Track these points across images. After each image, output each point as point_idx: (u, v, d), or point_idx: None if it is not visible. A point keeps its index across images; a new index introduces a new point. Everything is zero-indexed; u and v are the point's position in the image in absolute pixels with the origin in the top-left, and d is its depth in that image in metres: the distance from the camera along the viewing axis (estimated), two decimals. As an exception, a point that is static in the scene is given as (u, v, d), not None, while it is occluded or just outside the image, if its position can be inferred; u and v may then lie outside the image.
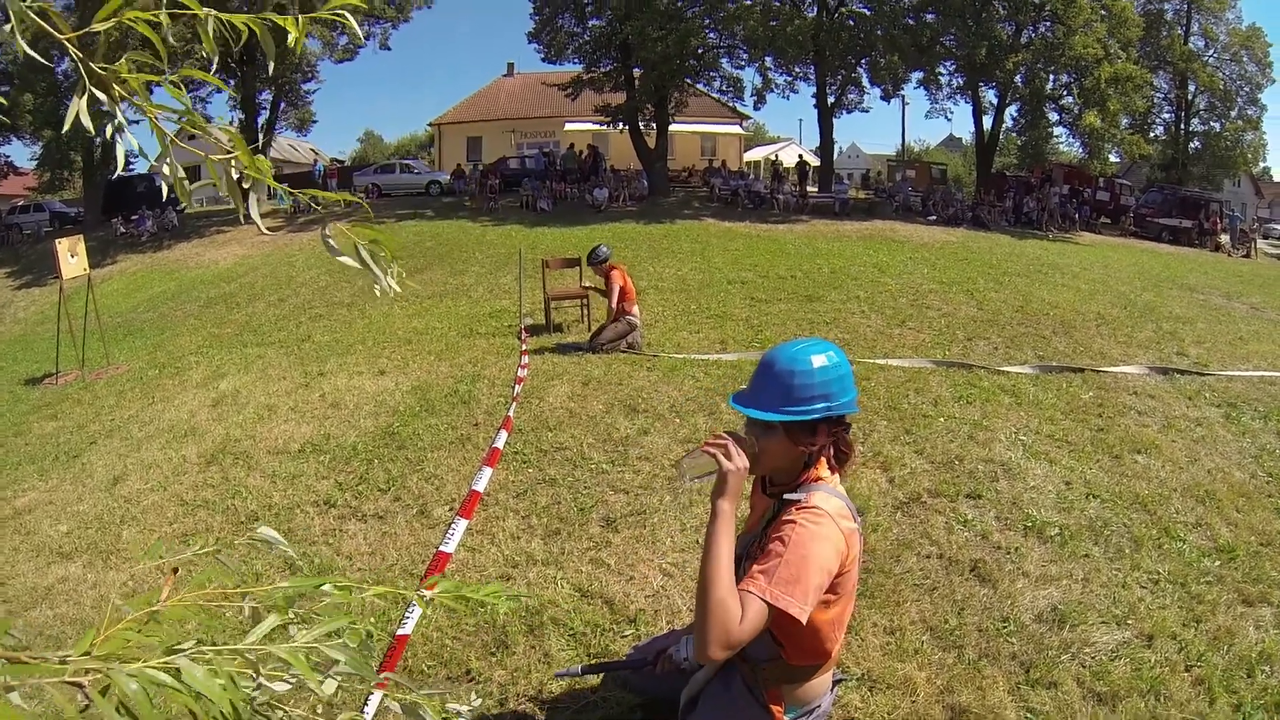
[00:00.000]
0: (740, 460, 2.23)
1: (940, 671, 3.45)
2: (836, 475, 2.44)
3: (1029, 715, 3.21)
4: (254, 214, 1.49)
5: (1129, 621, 3.83)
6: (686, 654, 2.75)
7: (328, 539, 4.86)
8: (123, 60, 1.33)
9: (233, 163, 1.44)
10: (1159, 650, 3.61)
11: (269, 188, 1.51)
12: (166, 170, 1.45)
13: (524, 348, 9.12)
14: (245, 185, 1.50)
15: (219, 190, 1.48)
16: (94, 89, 1.27)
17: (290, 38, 1.49)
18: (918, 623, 3.81)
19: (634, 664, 3.10)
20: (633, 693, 3.17)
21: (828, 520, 2.20)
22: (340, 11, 1.50)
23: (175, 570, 1.39)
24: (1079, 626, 3.77)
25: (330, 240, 1.64)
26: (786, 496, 2.35)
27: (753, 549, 2.38)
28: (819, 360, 2.34)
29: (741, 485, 2.23)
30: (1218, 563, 4.42)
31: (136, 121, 1.41)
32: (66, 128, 1.35)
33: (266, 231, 1.65)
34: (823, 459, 2.42)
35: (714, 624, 2.03)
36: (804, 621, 2.10)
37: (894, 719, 3.17)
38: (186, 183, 1.49)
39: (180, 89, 1.39)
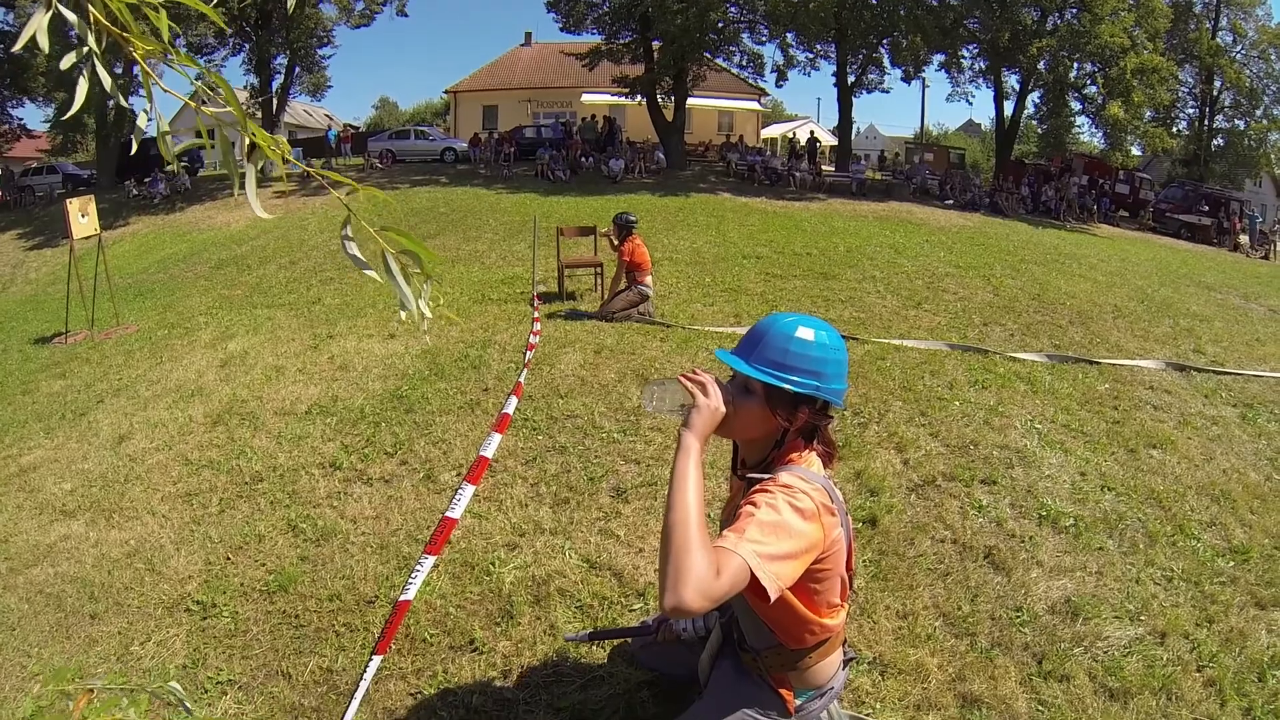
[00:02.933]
0: (716, 399, 2.11)
1: (952, 659, 3.39)
2: (813, 454, 2.26)
3: (1040, 708, 3.15)
4: (250, 195, 1.36)
5: (1142, 618, 3.78)
6: (687, 624, 2.69)
7: (332, 502, 4.82)
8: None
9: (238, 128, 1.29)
10: (1171, 649, 3.56)
11: (273, 159, 1.34)
12: (141, 121, 1.30)
13: (536, 314, 9.07)
14: (246, 158, 1.35)
15: (207, 153, 1.33)
16: (63, 7, 1.13)
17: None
18: (930, 608, 3.75)
19: (639, 631, 3.07)
20: (640, 669, 3.13)
21: (801, 493, 2.03)
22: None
23: (91, 690, 1.32)
24: (1092, 620, 3.71)
25: (352, 245, 1.45)
26: (752, 475, 2.20)
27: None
28: (821, 335, 2.22)
29: (713, 425, 2.10)
30: (1231, 563, 4.35)
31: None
32: (19, 46, 1.19)
33: (265, 214, 1.46)
34: (801, 445, 2.26)
35: (688, 565, 1.77)
36: (771, 597, 1.89)
37: (905, 705, 3.12)
38: (170, 139, 1.36)
39: (160, 12, 1.22)
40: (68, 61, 1.18)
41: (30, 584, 4.15)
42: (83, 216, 10.81)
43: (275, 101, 31.27)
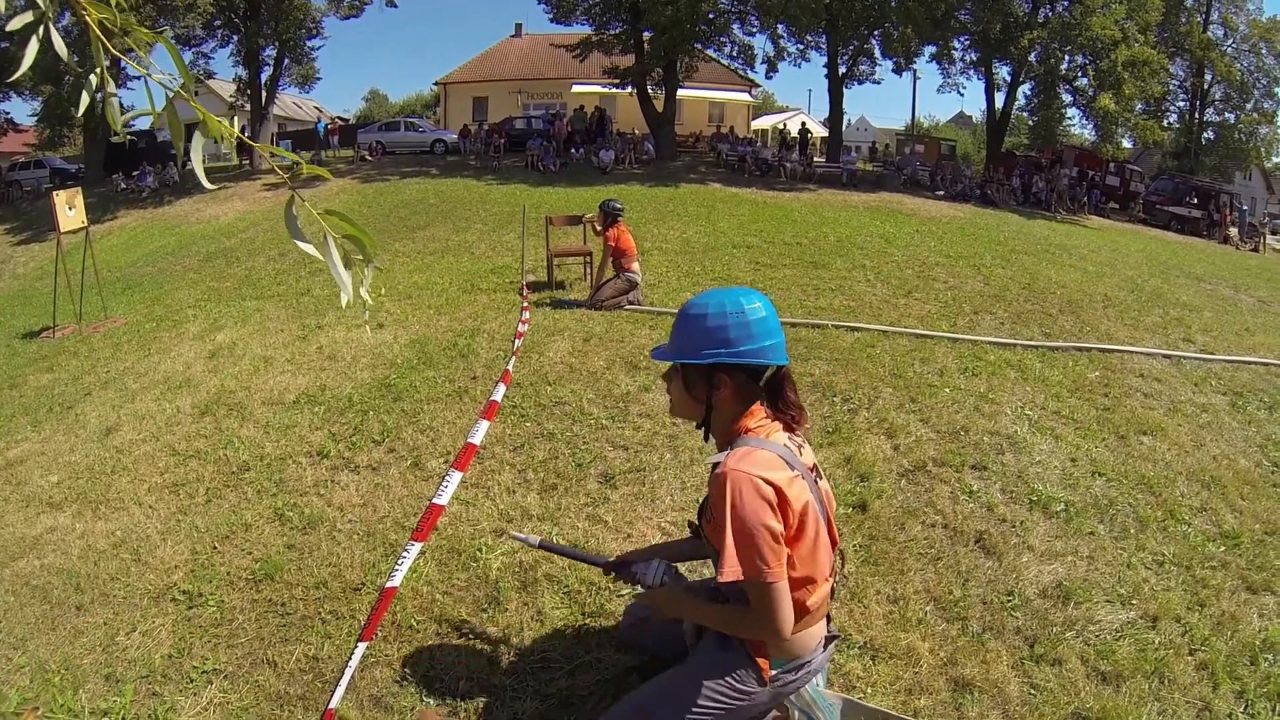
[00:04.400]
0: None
1: (944, 643, 3.38)
2: (776, 425, 2.39)
3: (1032, 691, 3.14)
4: (196, 166, 1.32)
5: (1134, 602, 3.78)
6: (649, 578, 2.74)
7: (319, 490, 4.78)
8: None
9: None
10: (1163, 632, 3.55)
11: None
12: (86, 98, 1.26)
13: (525, 303, 9.05)
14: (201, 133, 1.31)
15: (154, 121, 1.29)
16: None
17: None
18: (921, 592, 3.74)
19: (590, 559, 3.14)
20: (629, 653, 3.12)
21: (745, 480, 2.18)
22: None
23: (36, 709, 1.30)
24: (1084, 604, 3.71)
25: (296, 220, 1.41)
26: (709, 460, 2.36)
27: (705, 507, 2.45)
28: (715, 306, 2.35)
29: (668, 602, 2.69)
30: (1222, 548, 4.36)
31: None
32: None
33: (210, 185, 1.43)
34: (756, 409, 2.38)
35: (753, 629, 2.33)
36: (779, 581, 2.17)
37: (896, 689, 3.10)
38: (119, 101, 1.31)
39: None
40: (18, 23, 1.13)
41: (16, 576, 4.10)
42: (70, 209, 10.72)
43: (264, 93, 31.09)
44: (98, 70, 1.20)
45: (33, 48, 1.15)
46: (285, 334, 8.49)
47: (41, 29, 1.13)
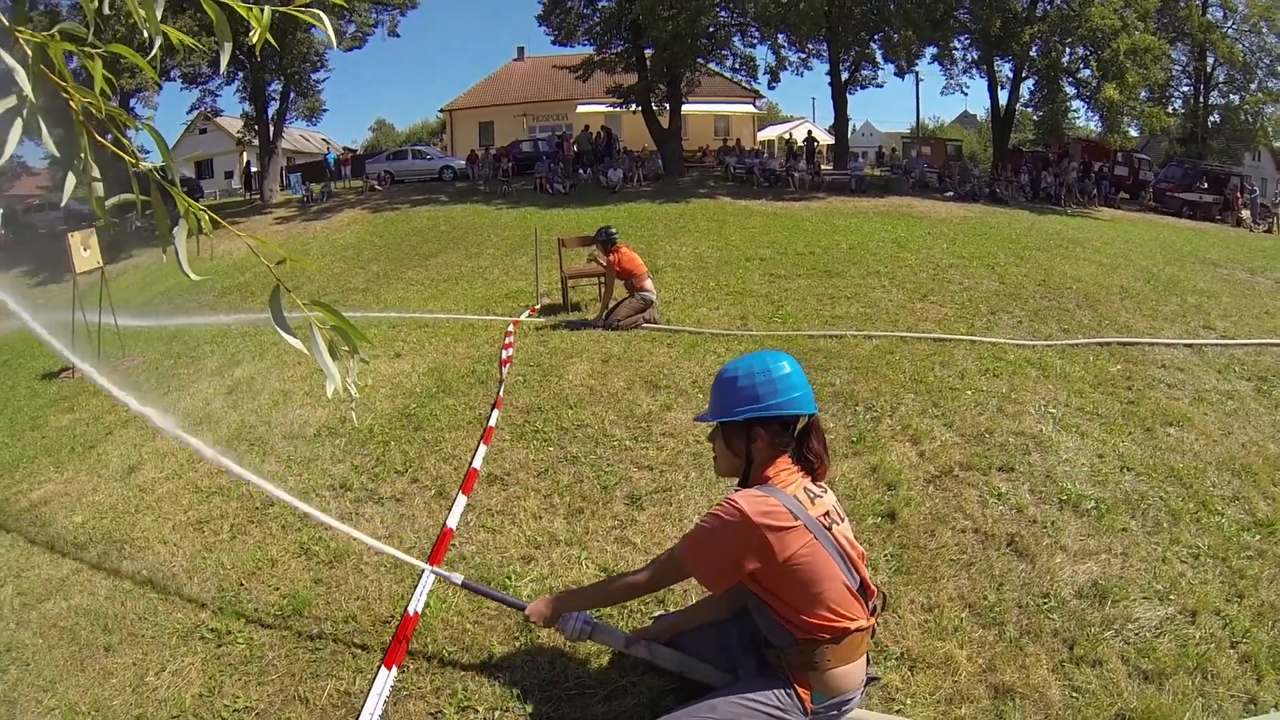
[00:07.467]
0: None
1: (981, 650, 3.34)
2: (797, 476, 2.63)
3: (1074, 694, 3.10)
4: (180, 254, 1.32)
5: (1171, 597, 3.72)
6: (569, 629, 3.02)
7: (344, 522, 4.76)
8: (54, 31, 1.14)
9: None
10: (1203, 626, 3.50)
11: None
12: (71, 182, 1.24)
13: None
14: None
15: (135, 203, 1.29)
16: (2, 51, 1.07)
17: (253, 34, 1.31)
18: (956, 599, 3.70)
19: (512, 603, 3.33)
20: (665, 676, 3.09)
21: (738, 513, 2.47)
22: (314, 11, 1.33)
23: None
24: (1121, 602, 3.66)
25: (281, 313, 1.41)
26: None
27: None
28: (742, 368, 2.70)
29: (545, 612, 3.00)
30: (1257, 537, 4.30)
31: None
32: None
33: (194, 275, 1.43)
34: (780, 460, 2.66)
35: (628, 590, 2.92)
36: (705, 584, 2.66)
37: (936, 699, 3.06)
38: (100, 187, 1.30)
39: (95, 61, 1.17)
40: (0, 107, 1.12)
41: (44, 618, 4.10)
42: (85, 250, 10.78)
43: (271, 127, 31.33)
44: (81, 155, 1.19)
45: (14, 134, 1.14)
46: (303, 366, 8.48)
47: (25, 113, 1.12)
